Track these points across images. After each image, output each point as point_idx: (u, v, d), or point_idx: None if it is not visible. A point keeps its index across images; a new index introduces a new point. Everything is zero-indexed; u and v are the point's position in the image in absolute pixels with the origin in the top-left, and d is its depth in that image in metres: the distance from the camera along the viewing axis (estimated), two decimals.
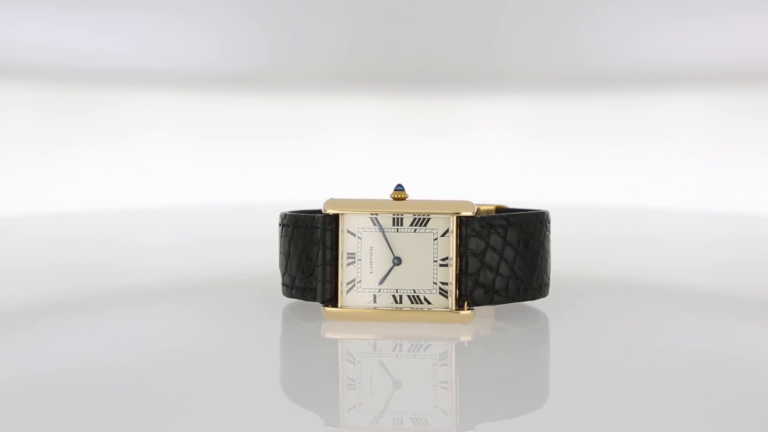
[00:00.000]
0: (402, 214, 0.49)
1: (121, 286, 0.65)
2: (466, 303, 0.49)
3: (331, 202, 0.50)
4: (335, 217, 0.50)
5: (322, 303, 0.50)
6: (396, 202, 0.49)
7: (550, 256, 0.53)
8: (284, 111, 1.29)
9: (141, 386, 0.42)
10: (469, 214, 0.49)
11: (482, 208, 0.58)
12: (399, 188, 0.50)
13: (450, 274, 0.49)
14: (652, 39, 1.24)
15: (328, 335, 0.50)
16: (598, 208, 1.14)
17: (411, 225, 0.49)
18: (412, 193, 0.54)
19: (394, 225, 0.49)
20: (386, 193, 0.54)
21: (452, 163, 1.29)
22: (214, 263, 0.75)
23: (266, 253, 0.77)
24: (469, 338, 0.49)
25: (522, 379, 0.44)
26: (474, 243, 0.49)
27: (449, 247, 0.49)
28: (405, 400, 0.40)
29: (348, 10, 1.24)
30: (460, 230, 0.49)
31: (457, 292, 0.49)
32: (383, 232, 0.50)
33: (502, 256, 0.49)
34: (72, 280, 0.67)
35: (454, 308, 0.49)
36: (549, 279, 0.52)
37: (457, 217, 0.49)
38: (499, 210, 0.59)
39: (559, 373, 0.46)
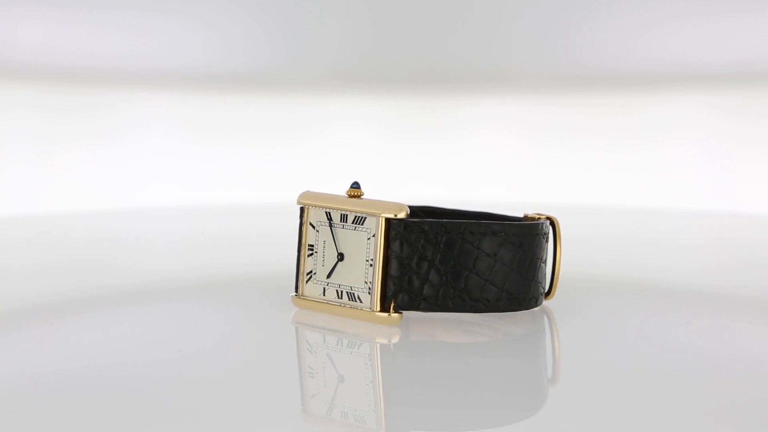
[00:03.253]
0: (348, 212, 0.50)
1: (121, 285, 0.65)
2: (391, 306, 0.49)
3: (303, 194, 0.52)
4: (303, 209, 0.52)
5: (295, 290, 0.53)
6: (348, 199, 0.50)
7: (524, 271, 0.50)
8: (284, 111, 1.29)
9: (140, 386, 0.42)
10: (397, 216, 0.48)
11: (530, 215, 0.56)
12: (354, 186, 0.51)
13: (372, 275, 0.49)
14: (652, 39, 1.24)
15: (296, 323, 0.52)
16: (598, 208, 1.14)
17: (352, 223, 0.50)
18: (410, 194, 0.54)
19: (341, 221, 0.50)
20: (385, 193, 0.54)
21: (452, 163, 1.29)
22: (214, 263, 0.75)
23: (266, 253, 0.77)
24: (395, 340, 0.49)
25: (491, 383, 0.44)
26: (399, 246, 0.49)
27: (374, 247, 0.49)
28: (348, 395, 0.42)
29: (348, 10, 1.24)
30: (389, 232, 0.49)
31: (383, 294, 0.49)
32: (331, 228, 0.51)
33: (434, 264, 0.48)
34: (72, 280, 0.67)
35: (376, 309, 0.49)
36: (520, 294, 0.50)
37: (385, 219, 0.49)
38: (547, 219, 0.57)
39: (547, 376, 0.46)
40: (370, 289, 0.49)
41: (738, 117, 1.24)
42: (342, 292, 0.50)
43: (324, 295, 0.51)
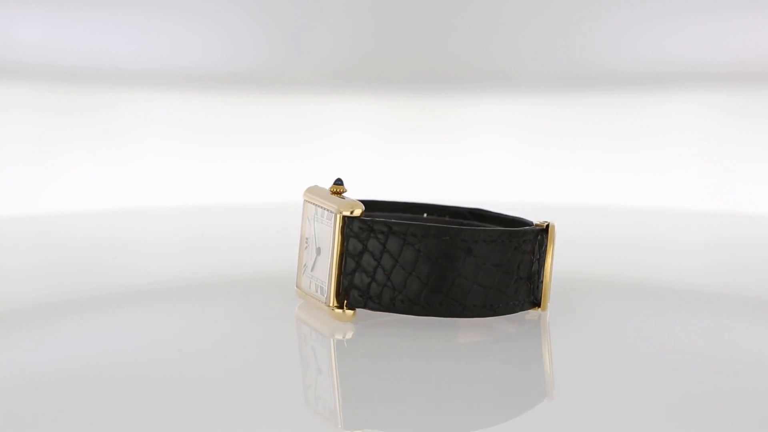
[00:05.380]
0: (323, 208, 0.51)
1: (122, 285, 0.65)
2: (344, 303, 0.49)
3: (307, 189, 0.53)
4: (304, 204, 0.53)
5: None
6: (329, 195, 0.51)
7: (476, 278, 0.48)
8: (284, 111, 1.29)
9: (140, 386, 0.42)
10: (348, 213, 0.49)
11: (536, 223, 0.53)
12: (337, 182, 0.52)
13: (328, 271, 0.50)
14: (652, 39, 1.24)
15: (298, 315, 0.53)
16: (598, 208, 1.14)
17: (326, 219, 0.51)
18: (410, 194, 0.54)
19: (320, 216, 0.51)
20: (385, 192, 0.55)
21: (452, 163, 1.29)
22: (213, 263, 0.75)
23: (266, 253, 0.77)
24: (349, 336, 0.50)
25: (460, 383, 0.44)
26: (352, 244, 0.49)
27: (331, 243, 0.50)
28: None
29: (348, 10, 1.24)
30: (344, 229, 0.49)
31: (337, 290, 0.49)
32: (314, 222, 0.52)
33: (380, 263, 0.48)
34: (72, 280, 0.67)
35: (331, 305, 0.49)
36: (469, 300, 0.49)
37: (342, 216, 0.49)
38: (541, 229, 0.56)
39: (532, 378, 0.46)
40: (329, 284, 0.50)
41: (738, 117, 1.24)
42: (317, 285, 0.51)
43: (309, 287, 0.52)
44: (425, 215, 0.60)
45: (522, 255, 0.50)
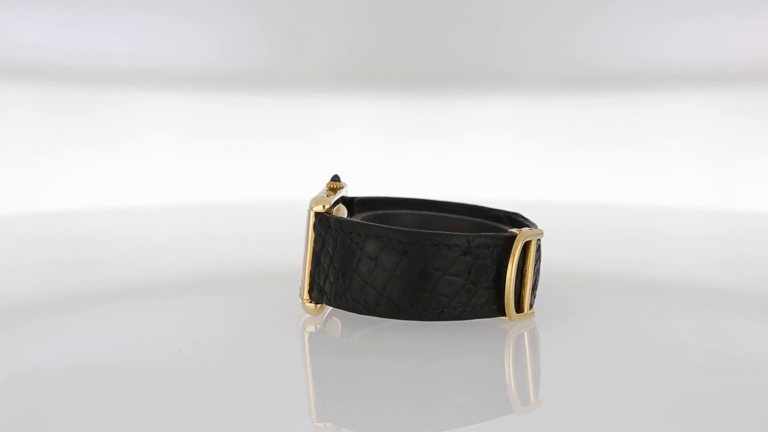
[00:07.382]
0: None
1: (121, 284, 0.65)
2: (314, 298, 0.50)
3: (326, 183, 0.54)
4: None
5: None
6: (322, 192, 0.52)
7: (412, 280, 0.47)
8: (284, 111, 1.29)
9: (139, 384, 0.42)
10: (319, 209, 0.49)
11: (512, 231, 0.51)
12: (334, 179, 0.52)
13: (302, 265, 0.50)
14: (652, 39, 1.24)
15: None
16: (598, 208, 1.14)
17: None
18: (410, 194, 0.54)
19: None
20: (384, 192, 0.54)
21: (452, 163, 1.29)
22: (213, 262, 0.75)
23: (266, 252, 0.77)
24: (316, 329, 0.50)
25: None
26: (318, 240, 0.49)
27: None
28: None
29: (348, 10, 1.24)
30: (315, 225, 0.49)
31: (308, 284, 0.50)
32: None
33: (332, 260, 0.49)
34: (73, 278, 0.67)
35: (303, 298, 0.50)
36: (404, 302, 0.48)
37: (313, 212, 0.49)
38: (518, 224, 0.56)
39: (514, 378, 0.45)
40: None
41: (738, 117, 1.24)
42: None
43: None
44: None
45: (474, 260, 0.48)
